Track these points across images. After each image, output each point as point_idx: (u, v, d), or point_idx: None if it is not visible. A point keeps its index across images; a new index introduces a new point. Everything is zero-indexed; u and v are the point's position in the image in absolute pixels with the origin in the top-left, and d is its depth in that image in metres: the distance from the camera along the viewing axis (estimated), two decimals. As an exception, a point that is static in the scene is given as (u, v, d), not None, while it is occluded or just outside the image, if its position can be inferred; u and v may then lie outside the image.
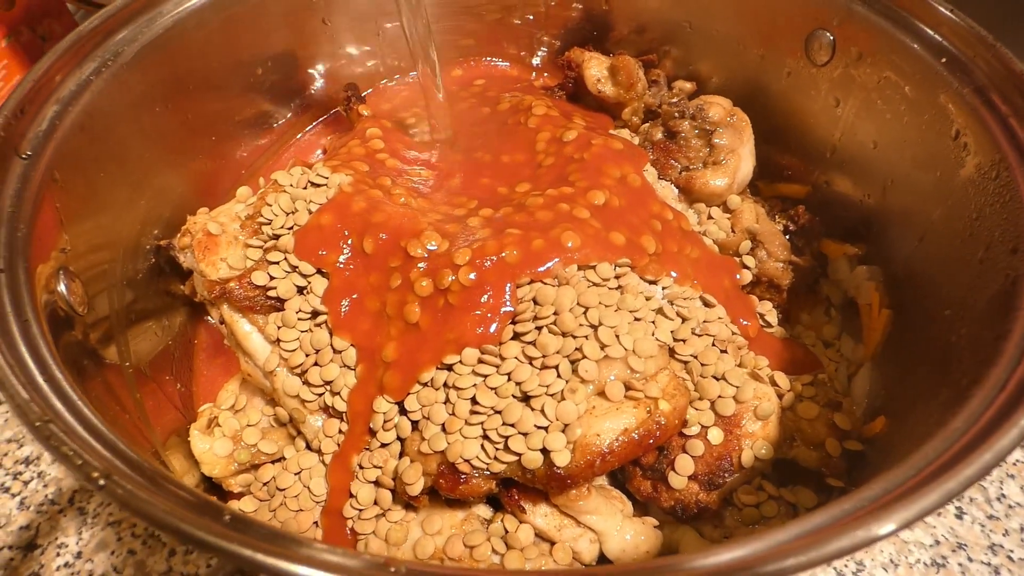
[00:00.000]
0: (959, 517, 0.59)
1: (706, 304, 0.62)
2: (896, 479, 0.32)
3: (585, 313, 0.54)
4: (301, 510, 0.57)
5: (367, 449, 0.56)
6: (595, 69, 0.76)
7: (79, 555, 0.57)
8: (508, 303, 0.56)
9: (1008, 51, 0.53)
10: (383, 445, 0.55)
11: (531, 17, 0.87)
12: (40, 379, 0.38)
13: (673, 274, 0.61)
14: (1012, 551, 0.57)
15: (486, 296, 0.56)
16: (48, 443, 0.33)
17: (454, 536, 0.54)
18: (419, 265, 0.58)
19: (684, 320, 0.59)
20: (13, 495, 0.62)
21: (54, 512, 0.60)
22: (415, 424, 0.54)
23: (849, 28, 0.64)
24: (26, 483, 0.62)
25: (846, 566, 0.57)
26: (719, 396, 0.57)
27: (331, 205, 0.63)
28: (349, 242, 0.61)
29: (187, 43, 0.67)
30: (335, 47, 0.83)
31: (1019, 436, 0.32)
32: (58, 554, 0.58)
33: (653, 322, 0.57)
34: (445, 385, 0.54)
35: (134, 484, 0.30)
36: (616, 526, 0.55)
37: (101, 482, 0.31)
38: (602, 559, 0.55)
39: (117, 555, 0.57)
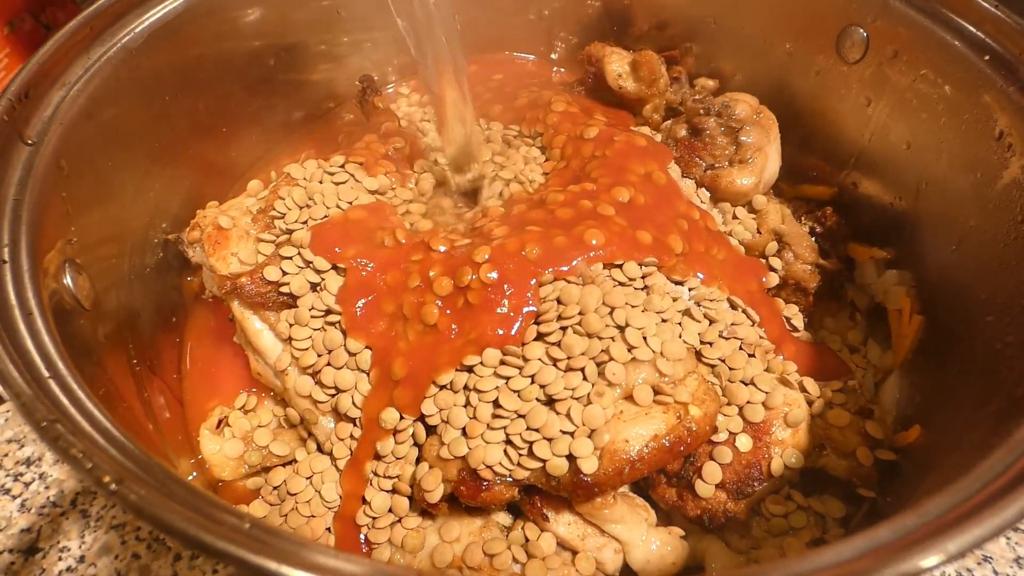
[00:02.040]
0: (988, 529, 0.58)
1: (732, 306, 0.60)
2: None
3: (611, 313, 0.52)
4: (313, 516, 0.55)
5: (381, 459, 0.53)
6: (616, 64, 0.74)
7: (82, 559, 0.55)
8: (531, 302, 0.54)
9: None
10: (398, 458, 0.53)
11: (547, 12, 0.85)
12: (46, 375, 0.36)
13: (700, 275, 0.59)
14: (1040, 565, 0.55)
15: (508, 295, 0.54)
16: (55, 444, 0.31)
17: (473, 544, 0.52)
18: (439, 263, 0.56)
19: (712, 323, 0.57)
20: (14, 497, 0.59)
21: (56, 515, 0.58)
22: (433, 428, 0.52)
23: (884, 25, 0.62)
24: (27, 484, 0.60)
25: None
26: (748, 402, 0.55)
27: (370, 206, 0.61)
28: (370, 238, 0.59)
29: (198, 30, 0.65)
30: (349, 39, 0.80)
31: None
32: (60, 558, 0.56)
33: (680, 324, 0.55)
34: (465, 388, 0.52)
35: (147, 488, 0.28)
36: (641, 536, 0.53)
37: (113, 487, 0.28)
38: (626, 569, 0.53)
39: (121, 559, 0.55)
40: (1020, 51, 0.52)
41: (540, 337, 0.52)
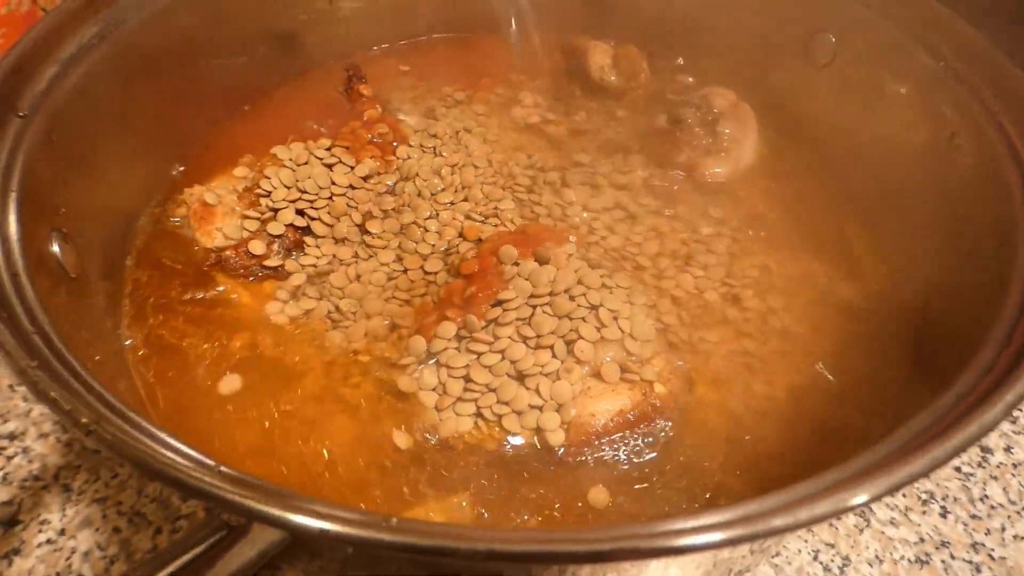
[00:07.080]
0: (943, 516, 0.60)
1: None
2: (884, 450, 0.33)
3: (585, 294, 0.55)
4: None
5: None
6: (600, 57, 0.77)
7: (62, 532, 0.56)
8: (500, 281, 0.56)
9: (1001, 53, 0.54)
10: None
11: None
12: (31, 330, 0.37)
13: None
14: (993, 549, 0.58)
15: (479, 273, 0.56)
16: (36, 388, 0.32)
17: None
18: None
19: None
20: (-4, 469, 0.60)
21: (38, 488, 0.59)
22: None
23: (851, 31, 0.65)
24: (10, 458, 0.61)
25: (832, 560, 0.57)
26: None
27: None
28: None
29: (194, 13, 0.67)
30: (344, 28, 0.82)
31: (1005, 409, 0.33)
32: (40, 531, 0.56)
33: (654, 306, 0.58)
34: (438, 363, 0.54)
35: (123, 431, 0.30)
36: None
37: (91, 427, 0.30)
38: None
39: (102, 532, 0.56)
40: (971, 55, 0.55)
41: (510, 315, 0.54)
